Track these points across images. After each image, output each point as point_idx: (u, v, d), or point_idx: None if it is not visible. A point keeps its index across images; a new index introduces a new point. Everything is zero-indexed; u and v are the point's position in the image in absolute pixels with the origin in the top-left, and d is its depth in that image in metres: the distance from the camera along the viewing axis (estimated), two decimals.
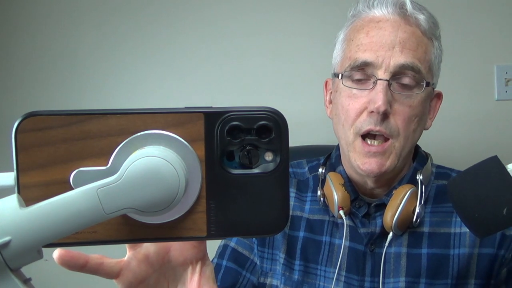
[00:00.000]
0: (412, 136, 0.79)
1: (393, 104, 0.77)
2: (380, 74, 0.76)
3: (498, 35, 1.44)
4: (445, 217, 0.83)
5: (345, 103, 0.80)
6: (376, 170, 0.78)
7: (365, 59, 0.77)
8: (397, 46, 0.77)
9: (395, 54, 0.76)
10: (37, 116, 0.32)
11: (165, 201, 0.32)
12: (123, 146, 0.33)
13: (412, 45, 0.77)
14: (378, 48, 0.77)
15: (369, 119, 0.77)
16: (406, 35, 0.77)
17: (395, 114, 0.77)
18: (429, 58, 0.80)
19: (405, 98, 0.77)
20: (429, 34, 0.80)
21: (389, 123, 0.77)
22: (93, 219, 0.31)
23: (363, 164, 0.78)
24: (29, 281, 0.32)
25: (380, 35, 0.78)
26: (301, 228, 0.87)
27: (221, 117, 0.34)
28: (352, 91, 0.79)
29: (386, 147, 0.78)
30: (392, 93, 0.77)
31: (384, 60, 0.76)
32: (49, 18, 1.50)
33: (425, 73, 0.79)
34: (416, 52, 0.78)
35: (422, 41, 0.79)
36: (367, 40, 0.78)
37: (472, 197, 0.51)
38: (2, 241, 0.29)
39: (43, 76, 1.50)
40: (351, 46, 0.81)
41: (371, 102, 0.76)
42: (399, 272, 0.80)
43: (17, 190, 0.32)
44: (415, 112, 0.78)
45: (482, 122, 1.44)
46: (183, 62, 1.49)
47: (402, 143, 0.78)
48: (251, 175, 0.35)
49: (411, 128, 0.78)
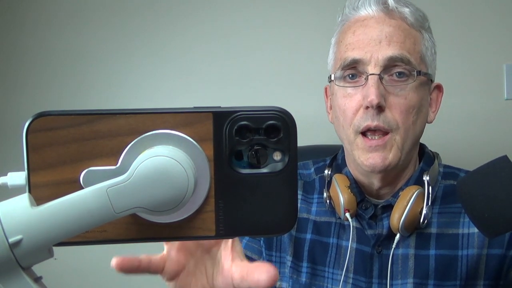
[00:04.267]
0: (413, 129, 0.79)
1: (388, 97, 0.77)
2: (371, 69, 0.77)
3: (507, 34, 1.42)
4: (453, 218, 0.82)
5: (341, 103, 0.81)
6: (380, 164, 0.77)
7: (353, 56, 0.79)
8: (384, 40, 0.78)
9: (382, 48, 0.77)
10: (47, 116, 0.32)
11: (174, 201, 0.32)
12: (132, 145, 0.33)
13: (399, 37, 0.78)
14: (365, 45, 0.78)
15: (365, 115, 0.77)
16: (392, 29, 0.79)
17: (391, 107, 0.77)
18: (419, 49, 0.81)
19: (399, 91, 0.78)
20: (417, 26, 0.81)
21: (386, 116, 0.77)
22: (103, 218, 0.31)
23: (367, 159, 0.78)
24: (40, 280, 0.32)
25: (366, 32, 0.79)
26: (308, 230, 0.87)
27: (229, 116, 0.34)
28: (347, 90, 0.80)
29: (387, 140, 0.77)
30: (385, 86, 0.77)
31: (373, 55, 0.77)
32: (56, 18, 1.51)
33: (416, 63, 0.79)
34: (404, 43, 0.78)
35: (410, 33, 0.80)
36: (354, 39, 0.80)
37: (481, 197, 0.50)
38: (14, 240, 0.29)
39: (50, 76, 1.51)
40: (341, 47, 0.83)
41: (365, 98, 0.77)
42: (407, 274, 0.80)
43: (28, 189, 0.33)
44: (412, 103, 0.78)
45: (492, 121, 1.43)
46: (190, 62, 1.49)
47: (403, 136, 0.78)
48: (259, 175, 0.35)
49: (410, 120, 0.78)
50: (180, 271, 0.50)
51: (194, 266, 0.50)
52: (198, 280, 0.50)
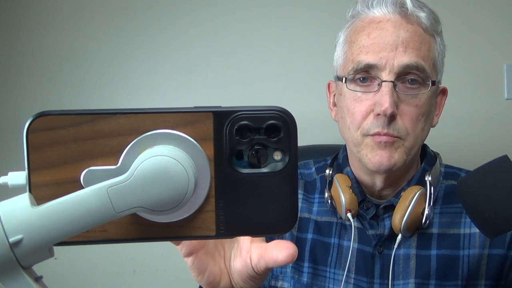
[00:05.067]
0: (421, 134, 0.79)
1: (400, 105, 0.76)
2: (385, 76, 0.75)
3: (508, 34, 1.43)
4: (454, 218, 0.82)
5: (350, 106, 0.79)
6: (386, 162, 0.77)
7: (368, 61, 0.76)
8: (400, 46, 0.76)
9: (398, 54, 0.75)
10: (47, 116, 0.32)
11: (174, 200, 0.32)
12: (132, 145, 0.33)
13: (415, 44, 0.76)
14: (380, 49, 0.76)
15: (376, 122, 0.76)
16: (409, 34, 0.76)
17: (402, 114, 0.76)
18: (433, 56, 0.79)
19: (411, 98, 0.77)
20: (431, 31, 0.80)
21: (397, 124, 0.76)
22: (103, 218, 0.31)
23: (374, 156, 0.77)
24: (41, 279, 0.32)
25: (382, 36, 0.77)
26: (309, 230, 0.87)
27: (230, 116, 0.34)
28: (357, 94, 0.79)
29: (395, 139, 0.77)
30: (397, 94, 0.76)
31: (388, 61, 0.75)
32: (57, 18, 1.51)
33: (430, 71, 0.78)
34: (420, 51, 0.77)
35: (424, 39, 0.78)
36: (369, 42, 0.78)
37: (482, 197, 0.50)
38: (14, 240, 0.29)
39: (50, 76, 1.51)
40: (353, 48, 0.80)
41: (377, 105, 0.75)
42: (409, 274, 0.80)
43: (29, 189, 0.33)
44: (422, 111, 0.78)
45: (492, 121, 1.43)
46: (191, 62, 1.49)
47: (412, 142, 0.78)
48: (260, 175, 0.35)
49: (419, 127, 0.78)
50: (199, 249, 0.48)
51: (213, 247, 0.49)
52: (217, 262, 0.49)
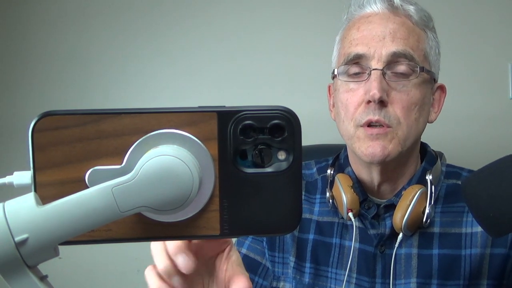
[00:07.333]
0: (415, 125, 0.79)
1: (390, 93, 0.77)
2: (374, 64, 0.77)
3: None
4: (455, 217, 0.82)
5: (343, 98, 0.81)
6: (379, 153, 0.77)
7: (357, 51, 0.79)
8: (388, 36, 0.78)
9: (386, 43, 0.78)
10: (53, 116, 0.33)
11: (179, 200, 0.32)
12: (137, 145, 0.33)
13: (403, 34, 0.79)
14: (369, 40, 0.79)
15: (367, 109, 0.77)
16: (396, 26, 0.79)
17: (393, 102, 0.77)
18: (423, 47, 0.81)
19: (402, 87, 0.78)
20: (421, 25, 0.81)
21: (388, 112, 0.77)
22: (108, 217, 0.31)
23: (367, 148, 0.77)
24: (46, 278, 0.32)
25: (370, 28, 0.80)
26: (311, 231, 0.87)
27: (234, 116, 0.34)
28: (349, 85, 0.80)
29: (388, 130, 0.77)
30: (387, 82, 0.77)
31: (376, 51, 0.78)
32: (61, 19, 1.52)
33: (420, 60, 0.79)
34: (408, 40, 0.79)
35: (413, 31, 0.80)
36: (358, 35, 0.80)
37: (486, 197, 0.50)
38: (20, 239, 0.29)
39: (55, 76, 1.52)
40: (345, 43, 0.83)
41: (367, 92, 0.77)
42: (410, 273, 0.80)
43: (34, 188, 0.33)
44: (414, 100, 0.78)
45: (496, 120, 1.42)
46: (195, 62, 1.49)
47: (405, 132, 0.78)
48: (264, 174, 0.35)
49: (412, 116, 0.78)
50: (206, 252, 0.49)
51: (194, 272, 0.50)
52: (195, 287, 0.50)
